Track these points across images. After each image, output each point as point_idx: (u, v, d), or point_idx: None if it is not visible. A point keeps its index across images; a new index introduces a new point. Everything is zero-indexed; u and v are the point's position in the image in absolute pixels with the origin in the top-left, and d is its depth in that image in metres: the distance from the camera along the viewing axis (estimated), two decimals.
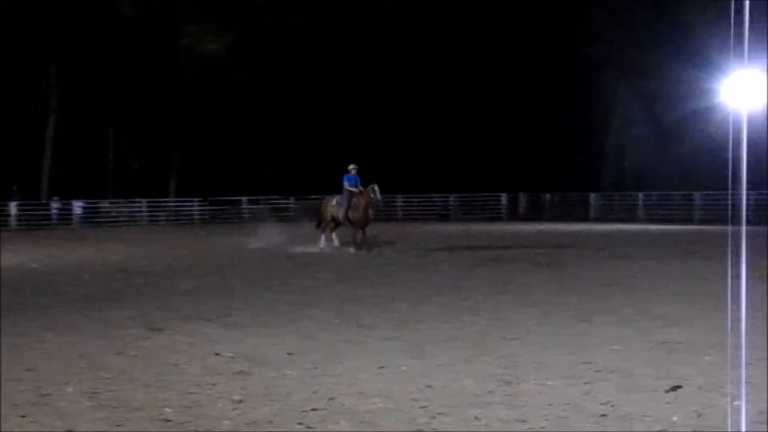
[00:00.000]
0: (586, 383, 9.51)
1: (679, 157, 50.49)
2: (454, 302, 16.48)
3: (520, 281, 20.12)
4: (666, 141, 52.20)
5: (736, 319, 10.15)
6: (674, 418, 8.04)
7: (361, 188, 28.98)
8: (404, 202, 53.88)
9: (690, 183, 48.50)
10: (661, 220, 46.92)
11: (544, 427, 7.85)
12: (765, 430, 7.55)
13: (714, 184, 42.19)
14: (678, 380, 9.46)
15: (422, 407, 8.57)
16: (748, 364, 9.46)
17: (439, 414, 8.30)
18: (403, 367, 10.46)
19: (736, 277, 7.15)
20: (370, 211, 29.21)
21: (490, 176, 54.01)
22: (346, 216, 29.31)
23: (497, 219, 51.96)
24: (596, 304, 15.86)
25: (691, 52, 45.81)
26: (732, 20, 6.68)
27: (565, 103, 55.50)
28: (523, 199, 55.43)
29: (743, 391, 7.75)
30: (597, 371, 10.08)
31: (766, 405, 8.25)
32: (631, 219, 48.77)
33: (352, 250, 28.55)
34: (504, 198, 54.05)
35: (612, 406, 8.53)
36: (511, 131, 57.47)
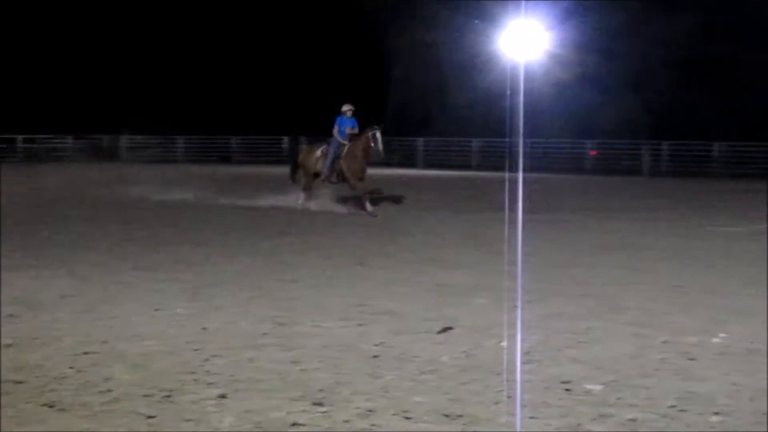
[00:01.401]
0: (359, 325, 9.66)
1: (458, 105, 51.43)
2: (232, 244, 16.46)
3: (299, 224, 20.21)
4: (446, 89, 53.01)
5: (510, 263, 10.55)
6: (444, 358, 8.26)
7: (355, 131, 24.81)
8: (186, 143, 53.49)
9: (468, 130, 49.57)
10: (439, 165, 47.85)
11: (317, 368, 7.92)
12: (526, 367, 7.82)
13: (491, 132, 43.29)
14: (449, 322, 9.72)
15: (196, 349, 8.53)
16: (514, 306, 9.83)
17: (213, 356, 8.28)
18: (179, 310, 10.39)
19: (512, 221, 7.37)
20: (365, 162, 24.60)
21: (272, 119, 53.82)
22: (332, 169, 24.28)
23: (278, 162, 51.94)
24: (372, 248, 16.11)
25: (470, 2, 46.70)
26: None
27: (345, 50, 55.73)
28: (304, 142, 55.55)
29: (518, 330, 8.03)
30: (371, 313, 10.25)
31: (530, 345, 8.56)
32: (410, 164, 49.56)
33: (369, 208, 23.40)
34: (285, 141, 54.13)
35: (385, 347, 8.70)
36: (290, 77, 57.35)
